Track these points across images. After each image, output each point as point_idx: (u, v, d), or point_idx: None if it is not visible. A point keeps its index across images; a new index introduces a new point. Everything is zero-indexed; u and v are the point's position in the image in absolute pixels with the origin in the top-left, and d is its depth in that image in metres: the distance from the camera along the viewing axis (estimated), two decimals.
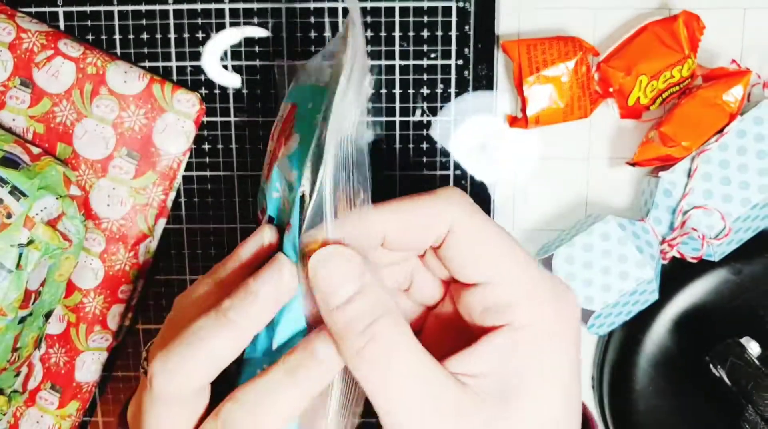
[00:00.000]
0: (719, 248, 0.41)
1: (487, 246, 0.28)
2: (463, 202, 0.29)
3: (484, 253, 0.28)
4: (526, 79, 0.41)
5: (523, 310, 0.27)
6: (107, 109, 0.42)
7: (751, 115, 0.41)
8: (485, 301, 0.28)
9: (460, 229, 0.28)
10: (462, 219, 0.28)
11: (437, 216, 0.28)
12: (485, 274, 0.28)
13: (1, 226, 0.37)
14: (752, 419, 0.39)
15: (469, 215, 0.28)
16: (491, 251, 0.28)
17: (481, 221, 0.28)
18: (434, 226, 0.28)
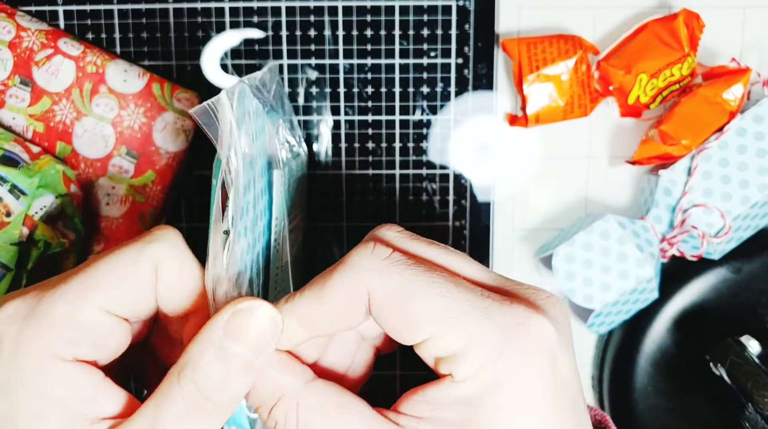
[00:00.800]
0: (719, 247, 0.41)
1: (413, 304, 0.25)
2: (374, 264, 0.26)
3: (412, 313, 0.25)
4: (526, 77, 0.41)
5: (467, 361, 0.24)
6: (107, 108, 0.42)
7: (751, 114, 0.41)
8: (433, 353, 0.25)
9: (378, 295, 0.25)
10: (377, 284, 0.25)
11: (352, 293, 0.26)
12: (417, 338, 0.25)
13: (1, 225, 0.37)
14: (752, 417, 0.39)
15: (385, 277, 0.25)
16: (420, 308, 0.25)
17: (399, 278, 0.25)
18: (353, 305, 0.26)
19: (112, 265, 0.26)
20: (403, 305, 0.25)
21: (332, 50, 0.44)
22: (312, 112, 0.44)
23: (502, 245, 0.46)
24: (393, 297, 0.25)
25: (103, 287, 0.26)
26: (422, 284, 0.25)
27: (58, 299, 0.25)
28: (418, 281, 0.25)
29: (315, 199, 0.45)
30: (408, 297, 0.25)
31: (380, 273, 0.25)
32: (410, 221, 0.45)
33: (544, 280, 0.46)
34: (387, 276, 0.25)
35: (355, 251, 0.26)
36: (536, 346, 0.25)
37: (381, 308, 0.26)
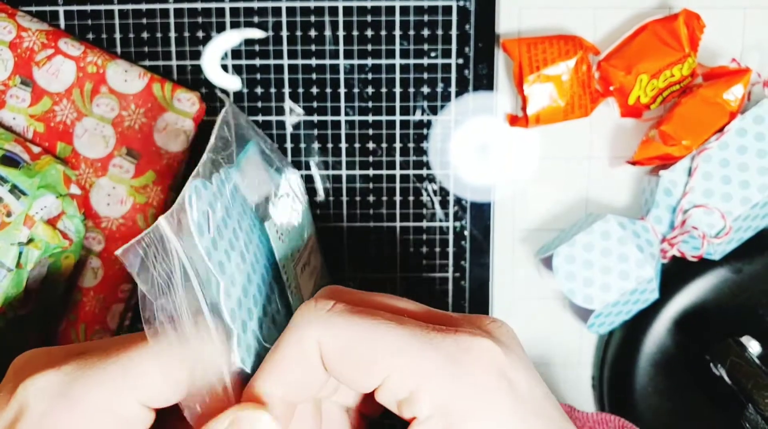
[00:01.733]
0: (719, 247, 0.41)
1: (362, 349, 0.25)
2: (318, 317, 0.26)
3: (362, 358, 0.25)
4: (527, 77, 0.41)
5: (424, 398, 0.25)
6: (107, 108, 0.42)
7: (752, 114, 0.41)
8: (390, 400, 0.26)
9: (329, 347, 0.26)
10: (325, 336, 0.26)
11: (304, 351, 0.26)
12: (371, 383, 0.25)
13: (1, 225, 0.37)
14: (752, 418, 0.39)
15: (331, 327, 0.26)
16: (369, 352, 0.25)
17: (345, 325, 0.26)
18: (308, 363, 0.26)
19: (157, 359, 0.25)
20: (352, 352, 0.25)
21: (332, 50, 0.44)
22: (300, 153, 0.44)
23: (502, 245, 0.46)
24: (342, 346, 0.25)
25: (147, 383, 0.25)
26: (367, 327, 0.25)
27: (97, 386, 0.24)
28: (364, 325, 0.25)
29: (316, 199, 0.45)
30: (356, 343, 0.25)
31: (326, 324, 0.26)
32: (410, 221, 0.45)
33: (544, 280, 0.46)
34: (332, 325, 0.26)
35: (298, 311, 0.27)
36: (487, 367, 0.25)
37: (333, 360, 0.26)
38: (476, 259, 0.45)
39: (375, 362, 0.25)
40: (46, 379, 0.25)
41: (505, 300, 0.46)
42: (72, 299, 0.43)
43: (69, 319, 0.43)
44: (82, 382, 0.24)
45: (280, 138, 0.44)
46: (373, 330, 0.26)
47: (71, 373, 0.25)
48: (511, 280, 0.46)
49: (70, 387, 0.24)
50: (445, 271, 0.45)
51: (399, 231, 0.45)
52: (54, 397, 0.24)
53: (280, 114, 0.44)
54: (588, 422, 0.39)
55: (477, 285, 0.45)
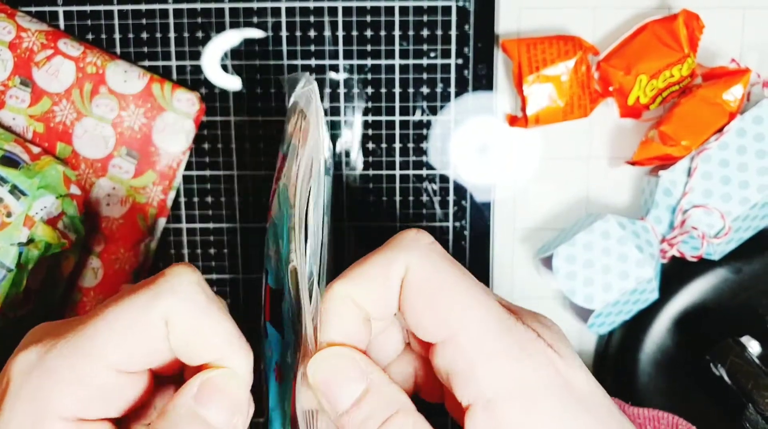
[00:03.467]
0: (719, 247, 0.41)
1: (445, 296, 0.25)
2: (415, 244, 0.26)
3: (435, 304, 0.25)
4: (526, 78, 0.42)
5: (486, 378, 0.24)
6: (107, 109, 0.42)
7: (751, 114, 0.41)
8: (446, 364, 0.25)
9: (412, 277, 0.26)
10: (416, 264, 0.26)
11: (391, 268, 0.26)
12: (439, 332, 0.25)
13: (1, 225, 0.37)
14: (753, 418, 0.39)
15: (425, 259, 0.26)
16: (450, 302, 0.25)
17: (438, 264, 0.26)
18: (390, 282, 0.26)
19: (119, 321, 0.25)
20: (435, 291, 0.25)
21: (332, 51, 0.44)
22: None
23: (503, 245, 0.46)
24: (426, 279, 0.25)
25: (111, 346, 0.25)
26: (457, 276, 0.26)
27: (66, 356, 0.25)
28: (454, 275, 0.26)
29: None
30: (441, 283, 0.25)
31: (420, 255, 0.26)
32: (410, 221, 0.45)
33: (544, 280, 0.46)
34: (426, 259, 0.26)
35: (399, 234, 0.27)
36: (546, 362, 0.25)
37: (412, 290, 0.26)
38: (476, 259, 0.45)
39: (451, 311, 0.25)
40: (26, 354, 0.25)
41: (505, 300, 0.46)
42: (72, 299, 0.43)
43: None
44: (53, 354, 0.25)
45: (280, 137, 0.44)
46: (461, 281, 0.26)
47: (46, 345, 0.25)
48: (511, 280, 0.46)
49: (42, 359, 0.25)
50: None
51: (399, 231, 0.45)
52: (30, 370, 0.25)
53: (280, 114, 0.44)
54: (638, 418, 0.39)
55: None
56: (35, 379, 0.25)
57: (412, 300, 0.26)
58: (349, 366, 0.25)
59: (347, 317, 0.26)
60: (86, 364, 0.25)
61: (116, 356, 0.25)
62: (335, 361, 0.25)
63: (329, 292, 0.26)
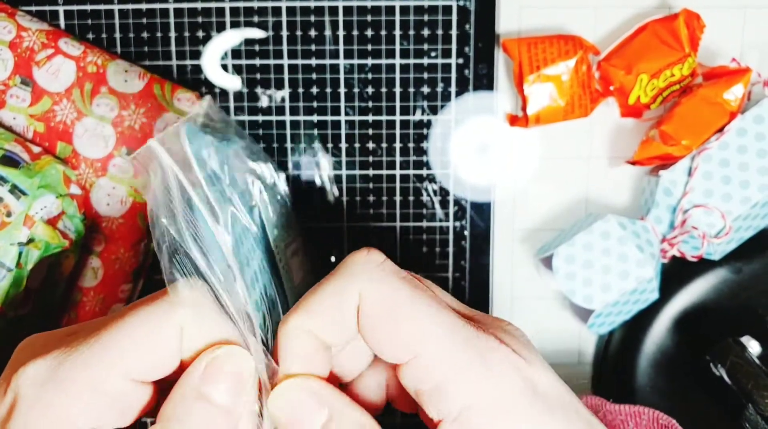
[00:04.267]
0: (719, 247, 0.41)
1: (402, 318, 0.25)
2: (366, 268, 0.26)
3: (392, 329, 0.25)
4: (527, 77, 0.41)
5: (453, 395, 0.24)
6: (107, 108, 0.42)
7: (752, 114, 0.41)
8: (413, 383, 0.25)
9: (366, 304, 0.25)
10: (369, 290, 0.25)
11: (344, 296, 0.25)
12: (400, 355, 0.25)
13: (1, 225, 0.37)
14: (753, 418, 0.39)
15: (377, 283, 0.25)
16: (408, 324, 0.25)
17: (391, 286, 0.25)
18: (345, 309, 0.25)
19: (136, 331, 0.25)
20: (391, 315, 0.25)
21: (332, 50, 0.44)
22: (301, 153, 0.44)
23: (502, 245, 0.46)
24: (383, 306, 0.25)
25: (127, 356, 0.25)
26: (412, 296, 0.25)
27: (81, 366, 0.25)
28: (409, 292, 0.25)
29: (315, 199, 0.45)
30: (397, 307, 0.25)
31: (372, 279, 0.25)
32: (410, 221, 0.45)
33: (544, 280, 0.46)
34: (379, 282, 0.25)
35: (349, 257, 0.26)
36: (511, 370, 0.25)
37: (369, 317, 0.25)
38: (476, 259, 0.45)
39: (409, 333, 0.25)
40: (35, 366, 0.25)
41: (505, 300, 0.46)
42: (72, 299, 0.43)
43: (69, 319, 0.43)
44: (67, 365, 0.24)
45: (280, 137, 0.44)
46: (418, 300, 0.25)
47: (58, 357, 0.25)
48: (511, 280, 0.46)
49: (56, 371, 0.24)
50: (445, 271, 0.45)
51: (399, 231, 0.45)
52: (43, 383, 0.24)
53: (280, 114, 0.44)
54: (620, 415, 0.39)
55: (477, 285, 0.45)
56: (50, 391, 0.24)
57: (369, 326, 0.25)
58: (307, 397, 0.25)
59: (304, 348, 0.26)
60: (103, 374, 0.25)
61: (134, 366, 0.25)
62: (293, 395, 0.25)
63: (284, 327, 0.26)
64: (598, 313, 0.41)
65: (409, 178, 0.44)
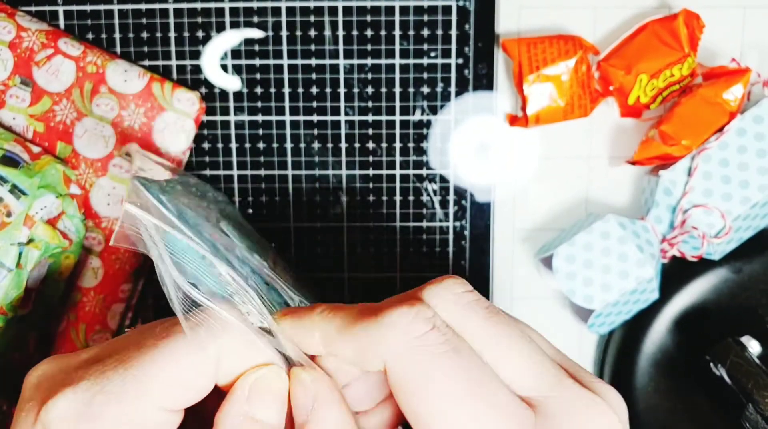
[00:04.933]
0: (719, 247, 0.41)
1: (428, 397, 0.23)
2: (401, 339, 0.23)
3: (424, 406, 0.23)
4: (527, 77, 0.41)
5: None
6: (107, 108, 0.42)
7: (751, 114, 0.41)
8: None
9: (394, 372, 0.23)
10: (395, 361, 0.23)
11: (371, 350, 0.24)
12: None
13: (1, 225, 0.37)
14: (753, 418, 0.39)
15: (406, 359, 0.23)
16: (435, 404, 0.23)
17: (419, 368, 0.23)
18: (370, 361, 0.24)
19: (173, 364, 0.25)
20: (416, 392, 0.23)
21: (332, 50, 0.44)
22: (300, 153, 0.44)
23: (502, 245, 0.46)
24: (408, 383, 0.23)
25: (164, 388, 0.24)
26: (444, 377, 0.23)
27: (114, 400, 0.24)
28: (438, 380, 0.23)
29: (316, 199, 0.45)
30: (423, 386, 0.23)
31: (402, 352, 0.23)
32: (410, 221, 0.45)
33: (544, 280, 0.46)
34: (408, 359, 0.23)
35: (394, 311, 0.24)
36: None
37: (395, 385, 0.24)
38: (476, 259, 0.45)
39: (439, 421, 0.23)
40: (65, 400, 0.24)
41: (505, 300, 0.46)
42: (72, 299, 0.43)
43: (69, 319, 0.43)
44: (100, 399, 0.24)
45: (279, 138, 0.44)
46: (445, 393, 0.23)
47: (89, 390, 0.24)
48: (511, 280, 0.46)
49: (89, 405, 0.24)
50: (446, 271, 0.45)
51: (399, 231, 0.45)
52: (76, 418, 0.24)
53: (280, 114, 0.44)
54: None
55: (477, 285, 0.45)
56: (82, 426, 0.24)
57: (396, 392, 0.24)
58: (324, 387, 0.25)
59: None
60: (139, 408, 0.24)
61: (170, 398, 0.25)
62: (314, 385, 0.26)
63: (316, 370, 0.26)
64: (598, 313, 0.41)
65: (409, 178, 0.44)
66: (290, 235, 0.45)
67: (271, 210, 0.45)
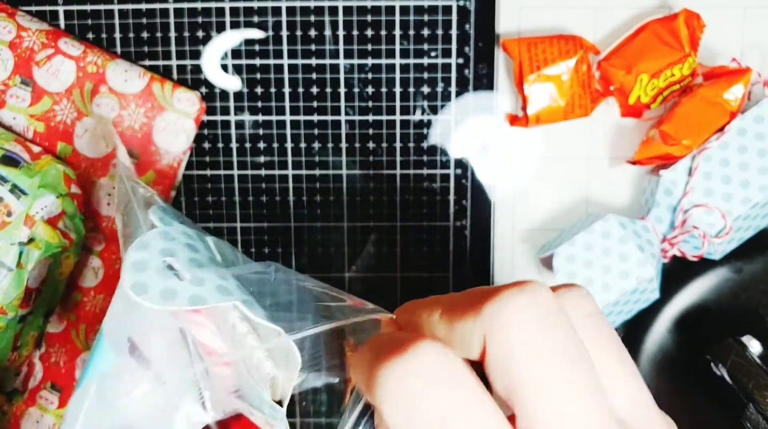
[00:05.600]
0: (720, 247, 0.41)
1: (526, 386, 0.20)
2: (513, 319, 0.20)
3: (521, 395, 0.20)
4: (527, 77, 0.41)
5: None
6: (107, 108, 0.42)
7: (752, 114, 0.41)
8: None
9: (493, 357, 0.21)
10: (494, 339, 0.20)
11: (471, 335, 0.21)
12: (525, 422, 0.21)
13: (2, 225, 0.37)
14: (753, 418, 0.39)
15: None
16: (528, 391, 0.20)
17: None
18: (470, 346, 0.21)
19: None
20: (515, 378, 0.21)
21: (332, 50, 0.44)
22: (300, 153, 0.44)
23: (503, 245, 0.46)
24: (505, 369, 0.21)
25: None
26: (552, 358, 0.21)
27: None
28: (553, 352, 0.21)
29: (316, 199, 0.45)
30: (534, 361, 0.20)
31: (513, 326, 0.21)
32: (411, 221, 0.45)
33: (544, 280, 0.46)
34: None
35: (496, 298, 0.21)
36: None
37: (492, 371, 0.21)
38: (476, 259, 0.45)
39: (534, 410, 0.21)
40: None
41: None
42: (72, 299, 0.43)
43: (69, 319, 0.43)
44: None
45: (280, 138, 0.44)
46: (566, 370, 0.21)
47: None
48: (511, 279, 0.46)
49: None
50: (446, 271, 0.45)
51: (399, 231, 0.45)
52: None
53: (280, 114, 0.44)
54: None
55: (477, 284, 0.45)
56: None
57: (495, 381, 0.21)
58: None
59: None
60: None
61: None
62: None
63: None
64: None
65: (409, 178, 0.44)
66: (290, 235, 0.45)
67: (271, 210, 0.45)
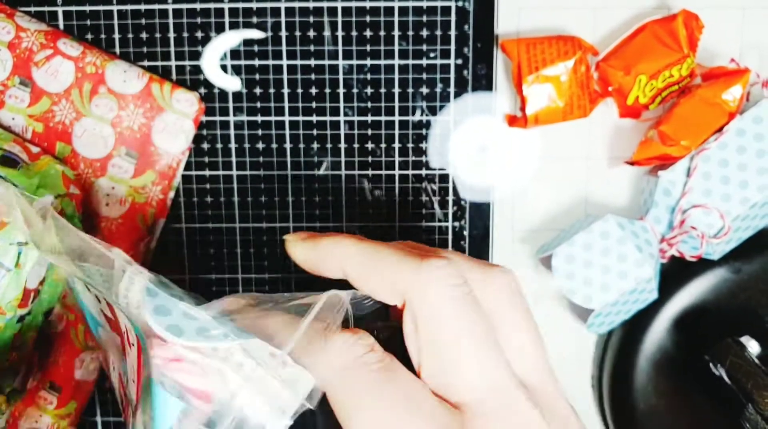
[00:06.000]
0: (718, 247, 0.41)
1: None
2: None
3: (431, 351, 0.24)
4: (526, 78, 0.42)
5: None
6: (106, 108, 0.42)
7: (751, 114, 0.41)
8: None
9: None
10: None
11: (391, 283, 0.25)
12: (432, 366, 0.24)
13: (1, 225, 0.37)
14: (752, 418, 0.39)
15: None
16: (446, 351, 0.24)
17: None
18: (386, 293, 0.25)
19: None
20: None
21: (332, 51, 0.44)
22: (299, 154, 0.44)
23: (502, 246, 0.46)
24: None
25: None
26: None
27: None
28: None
29: (316, 199, 0.45)
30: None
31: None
32: (410, 221, 0.45)
33: (543, 280, 0.46)
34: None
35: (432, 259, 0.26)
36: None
37: (407, 322, 0.25)
38: None
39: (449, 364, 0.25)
40: None
41: None
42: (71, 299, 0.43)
43: (69, 319, 0.43)
44: None
45: (279, 138, 0.44)
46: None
47: None
48: None
49: None
50: None
51: (399, 231, 0.45)
52: None
53: (279, 114, 0.44)
54: None
55: None
56: None
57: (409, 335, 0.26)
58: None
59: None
60: None
61: None
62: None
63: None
64: (598, 313, 0.41)
65: (408, 178, 0.44)
66: None
67: (271, 210, 0.45)
